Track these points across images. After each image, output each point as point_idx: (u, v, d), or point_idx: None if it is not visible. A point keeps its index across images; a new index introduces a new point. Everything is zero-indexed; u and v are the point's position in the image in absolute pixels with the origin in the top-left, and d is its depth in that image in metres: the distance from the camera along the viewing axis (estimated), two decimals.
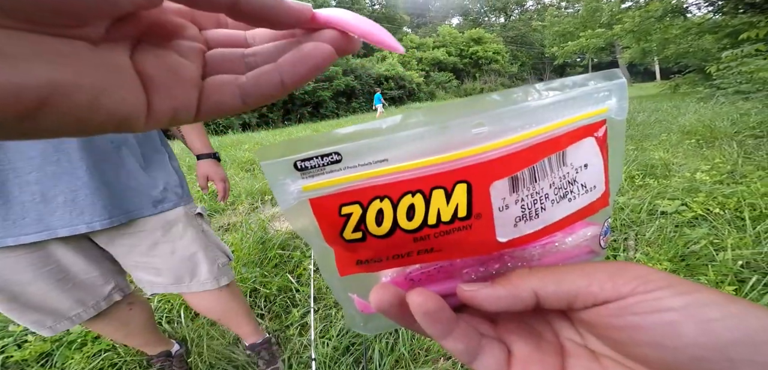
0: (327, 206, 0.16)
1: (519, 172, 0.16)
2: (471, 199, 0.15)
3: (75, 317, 0.80)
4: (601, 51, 13.84)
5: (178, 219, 0.86)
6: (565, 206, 0.17)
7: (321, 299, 1.42)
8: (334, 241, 0.17)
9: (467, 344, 0.16)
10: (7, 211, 0.66)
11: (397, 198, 0.15)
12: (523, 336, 0.18)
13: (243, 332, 1.10)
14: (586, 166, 0.17)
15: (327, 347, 1.16)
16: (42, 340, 1.26)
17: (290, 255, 1.77)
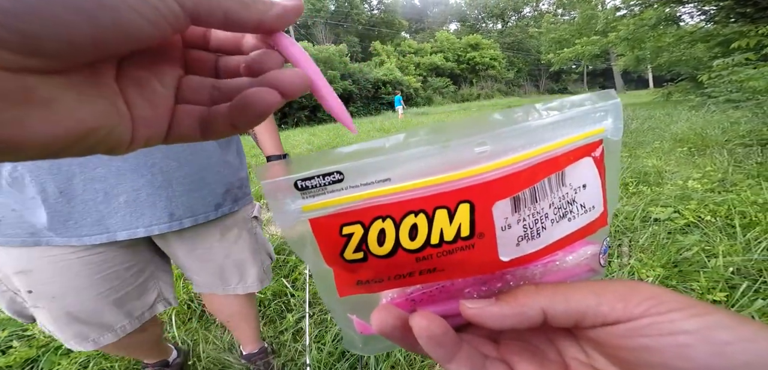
0: (328, 226, 0.16)
1: (520, 192, 0.16)
2: (474, 218, 0.15)
3: (120, 329, 0.76)
4: (596, 58, 14.01)
5: (235, 223, 0.85)
6: (565, 225, 0.17)
7: (316, 304, 1.41)
8: (334, 261, 0.17)
9: (471, 366, 0.16)
10: (70, 210, 0.64)
11: (400, 218, 0.15)
12: (527, 356, 0.17)
13: (245, 338, 1.09)
14: (585, 187, 0.17)
15: (322, 353, 1.14)
16: (27, 345, 1.23)
17: (285, 260, 1.75)
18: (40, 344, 1.24)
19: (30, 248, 0.65)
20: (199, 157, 0.75)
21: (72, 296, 0.69)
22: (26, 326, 1.33)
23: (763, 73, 3.13)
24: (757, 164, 2.22)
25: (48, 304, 0.69)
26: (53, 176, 0.62)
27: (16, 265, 0.66)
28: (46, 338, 1.26)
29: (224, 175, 0.81)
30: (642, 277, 1.32)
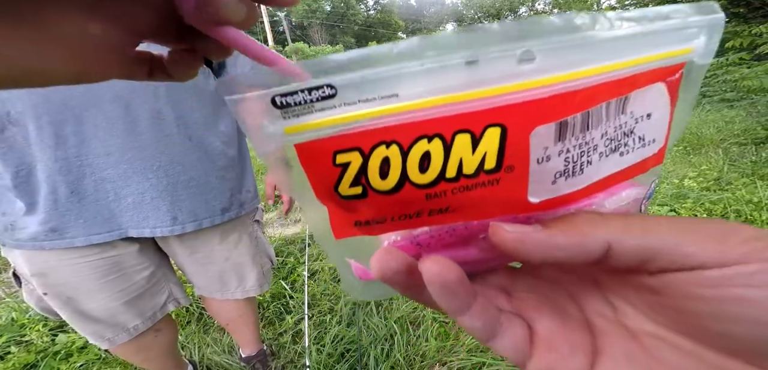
0: (318, 153, 0.12)
1: (570, 117, 0.12)
2: (504, 147, 0.12)
3: (133, 329, 0.77)
4: None
5: (235, 228, 0.85)
6: (615, 160, 0.14)
7: (315, 306, 1.41)
8: (328, 197, 0.14)
9: (486, 321, 0.14)
10: (80, 209, 0.65)
11: (409, 144, 0.12)
12: (545, 311, 0.15)
13: (245, 341, 1.09)
14: (649, 116, 0.14)
15: (321, 354, 1.15)
16: (26, 351, 1.22)
17: (284, 261, 1.75)
18: (39, 349, 1.23)
19: (45, 251, 0.65)
20: (205, 162, 0.75)
21: (85, 297, 0.71)
22: (24, 332, 1.32)
23: (756, 73, 3.16)
24: (752, 163, 2.24)
25: (63, 305, 0.70)
26: (64, 177, 0.62)
27: (32, 268, 0.67)
28: (44, 343, 1.26)
29: (231, 180, 0.81)
30: None
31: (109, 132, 0.64)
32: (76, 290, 0.70)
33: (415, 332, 1.23)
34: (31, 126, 0.60)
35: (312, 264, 1.71)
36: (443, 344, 1.16)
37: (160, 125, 0.68)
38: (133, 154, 0.66)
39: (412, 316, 1.31)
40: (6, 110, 0.59)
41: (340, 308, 1.35)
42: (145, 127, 0.67)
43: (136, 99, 0.65)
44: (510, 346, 0.14)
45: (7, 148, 0.60)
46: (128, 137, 0.66)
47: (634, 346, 0.13)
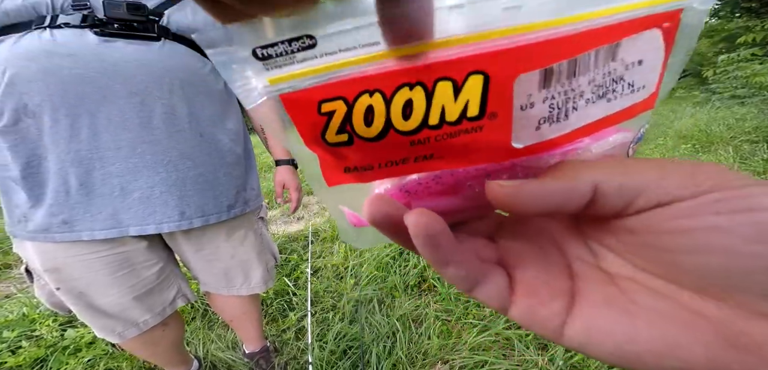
0: (303, 103, 0.12)
1: (556, 64, 0.12)
2: (487, 94, 0.12)
3: (143, 323, 0.78)
4: None
5: (241, 224, 0.86)
6: (602, 106, 0.14)
7: (318, 303, 1.41)
8: (316, 144, 0.14)
9: (468, 271, 0.14)
10: (88, 203, 0.65)
11: (391, 92, 0.12)
12: (528, 258, 0.16)
13: (248, 337, 1.10)
14: (640, 63, 0.13)
15: (324, 351, 1.15)
16: (36, 345, 1.25)
17: (287, 259, 1.76)
18: (49, 343, 1.26)
19: (56, 244, 0.66)
20: (214, 158, 0.76)
21: (96, 292, 0.72)
22: (34, 327, 1.35)
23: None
24: (764, 161, 2.20)
25: (75, 300, 0.71)
26: (76, 168, 0.63)
27: (45, 263, 0.68)
28: (54, 338, 1.28)
29: (237, 177, 0.82)
30: None
31: (122, 127, 0.65)
32: (88, 286, 0.71)
33: (418, 330, 1.23)
34: (47, 118, 0.61)
35: (315, 262, 1.72)
36: (445, 342, 1.16)
37: (173, 121, 0.69)
38: (145, 149, 0.67)
39: (414, 314, 1.31)
40: (24, 103, 0.60)
41: (342, 306, 1.36)
42: (158, 123, 0.68)
43: (151, 95, 0.66)
44: (492, 294, 0.14)
45: (19, 139, 0.61)
46: (142, 131, 0.66)
47: (612, 289, 0.14)
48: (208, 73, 0.77)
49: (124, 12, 0.65)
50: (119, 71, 0.64)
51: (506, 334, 1.16)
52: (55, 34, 0.61)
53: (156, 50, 0.68)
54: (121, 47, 0.65)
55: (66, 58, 0.61)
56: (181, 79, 0.70)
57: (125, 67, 0.64)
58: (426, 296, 1.40)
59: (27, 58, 0.59)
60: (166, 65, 0.69)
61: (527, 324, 0.14)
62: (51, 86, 0.60)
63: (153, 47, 0.68)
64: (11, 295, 1.68)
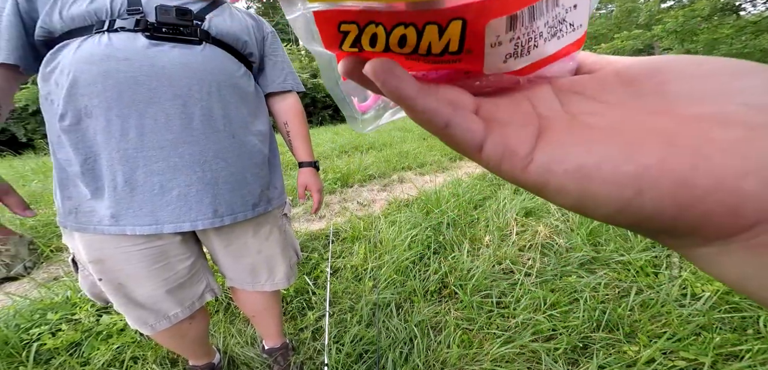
0: (328, 20, 0.16)
1: (519, 11, 0.15)
2: (464, 36, 0.15)
3: (173, 316, 0.81)
4: (639, 53, 13.09)
5: (267, 220, 0.88)
6: (555, 43, 0.17)
7: (336, 304, 1.40)
8: (334, 49, 0.18)
9: (438, 106, 0.15)
10: (131, 200, 0.68)
11: (390, 27, 0.15)
12: (500, 104, 0.17)
13: (268, 333, 1.11)
14: (575, 7, 0.17)
15: (340, 354, 1.14)
16: (74, 329, 1.32)
17: (308, 257, 1.77)
18: (85, 328, 1.33)
19: (101, 235, 0.70)
20: (244, 158, 0.79)
21: (135, 284, 0.75)
22: (74, 311, 1.44)
23: None
24: None
25: (115, 290, 0.75)
26: (123, 166, 0.67)
27: (91, 254, 0.71)
28: (90, 323, 1.36)
29: (262, 177, 0.84)
30: (696, 292, 1.19)
31: (166, 127, 0.68)
32: (127, 277, 0.74)
33: (437, 338, 1.18)
34: (102, 119, 0.64)
35: (335, 262, 1.71)
36: (466, 351, 1.11)
37: (211, 122, 0.72)
38: (184, 149, 0.70)
39: (433, 321, 1.26)
40: (84, 104, 0.63)
41: (360, 308, 1.34)
42: (198, 124, 0.71)
43: (193, 97, 0.69)
44: (467, 128, 0.15)
45: (80, 138, 0.65)
46: (182, 132, 0.69)
47: (574, 122, 0.15)
48: (242, 75, 0.80)
49: (173, 17, 0.69)
50: (166, 74, 0.67)
51: (532, 346, 1.09)
52: (112, 38, 0.64)
53: (198, 53, 0.71)
54: (167, 51, 0.68)
55: (122, 62, 0.64)
56: (219, 82, 0.73)
57: (171, 70, 0.67)
58: (446, 302, 1.35)
59: (88, 62, 0.62)
60: (207, 68, 0.71)
61: (499, 155, 0.14)
62: (108, 88, 0.63)
63: (195, 50, 0.71)
64: (59, 277, 1.80)
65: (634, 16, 12.20)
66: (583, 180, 0.12)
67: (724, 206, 0.10)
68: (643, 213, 0.11)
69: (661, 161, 0.11)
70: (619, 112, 0.14)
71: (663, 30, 8.71)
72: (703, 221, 0.10)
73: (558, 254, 1.53)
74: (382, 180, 3.17)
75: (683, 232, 0.11)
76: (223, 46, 0.76)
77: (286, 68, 0.96)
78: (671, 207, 0.11)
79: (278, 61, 0.94)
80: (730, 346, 0.99)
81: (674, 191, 0.10)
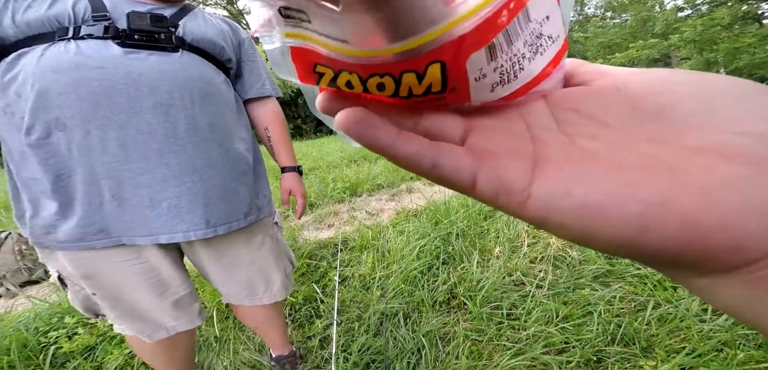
0: (304, 58, 0.16)
1: (495, 39, 0.14)
2: (446, 77, 0.14)
3: (171, 327, 0.80)
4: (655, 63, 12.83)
5: (259, 230, 0.87)
6: (539, 60, 0.16)
7: (344, 312, 1.40)
8: (312, 85, 0.17)
9: (419, 148, 0.14)
10: (120, 213, 0.66)
11: (365, 77, 0.15)
12: (491, 126, 0.16)
13: (274, 343, 1.11)
14: (548, 18, 0.16)
15: (348, 363, 1.13)
16: (89, 333, 1.36)
17: (317, 265, 1.78)
18: (100, 332, 1.36)
19: (94, 251, 0.67)
20: (232, 167, 0.77)
21: (130, 297, 0.74)
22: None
23: None
24: None
25: (111, 304, 0.73)
26: (108, 181, 0.64)
27: (80, 270, 0.69)
28: (105, 327, 1.39)
29: (250, 185, 0.83)
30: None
31: (149, 138, 0.65)
32: (122, 292, 0.72)
33: (445, 349, 1.16)
34: (78, 131, 0.61)
35: (343, 270, 1.72)
36: (475, 363, 1.08)
37: (196, 131, 0.70)
38: (170, 159, 0.68)
39: (442, 331, 1.24)
40: (55, 116, 0.60)
41: (368, 317, 1.33)
42: (182, 133, 0.68)
43: (174, 106, 0.67)
44: (457, 165, 0.14)
45: (50, 153, 0.61)
46: (167, 142, 0.67)
47: (572, 149, 0.14)
48: (222, 82, 0.78)
49: (148, 23, 0.66)
50: (145, 82, 0.64)
51: (544, 359, 1.06)
52: (81, 46, 0.61)
53: (176, 61, 0.68)
54: (144, 59, 0.65)
55: (96, 71, 0.60)
56: (200, 90, 0.71)
57: (150, 78, 0.64)
58: (455, 313, 1.33)
59: (56, 71, 0.59)
60: (187, 75, 0.69)
61: (494, 191, 0.14)
62: (83, 99, 0.60)
63: (173, 58, 0.68)
64: None
65: (649, 25, 12.02)
66: (586, 218, 0.12)
67: (728, 243, 0.10)
68: (647, 249, 0.11)
69: (666, 201, 0.11)
70: (619, 137, 0.13)
71: (680, 39, 8.54)
72: (706, 256, 0.10)
73: (571, 267, 1.49)
74: (390, 189, 3.18)
75: (684, 265, 0.11)
76: (201, 53, 0.74)
77: (264, 74, 0.93)
78: (675, 244, 0.11)
79: (256, 67, 0.91)
80: (754, 363, 0.94)
81: (679, 230, 0.10)
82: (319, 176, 3.75)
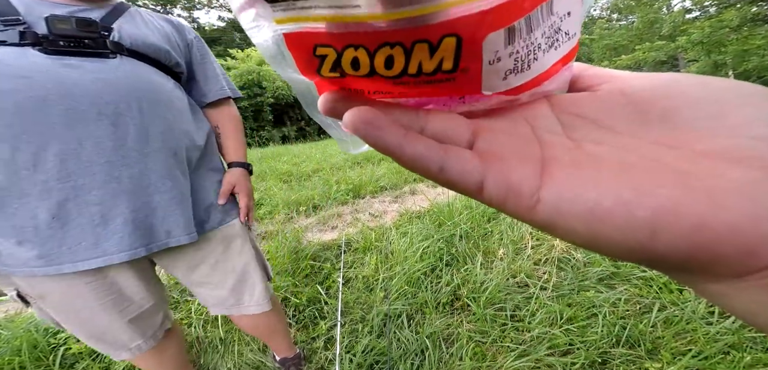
0: (301, 44, 0.14)
1: (516, 22, 0.13)
2: (460, 53, 0.13)
3: (135, 348, 0.76)
4: (662, 65, 12.71)
5: (236, 234, 0.84)
6: (553, 54, 0.16)
7: (347, 313, 1.41)
8: (312, 76, 0.16)
9: (426, 150, 0.14)
10: (64, 235, 0.61)
11: (374, 48, 0.13)
12: (497, 129, 0.16)
13: (279, 347, 1.10)
14: (569, 14, 0.15)
15: (352, 364, 1.13)
16: None
17: (321, 266, 1.79)
18: None
19: (37, 277, 0.63)
20: (190, 174, 0.75)
21: (86, 317, 0.69)
22: None
23: None
24: None
25: (67, 324, 0.70)
26: (44, 202, 0.58)
27: (33, 290, 0.65)
28: None
29: (210, 192, 0.81)
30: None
31: (95, 151, 0.60)
32: (76, 312, 0.68)
33: (449, 350, 1.16)
34: (6, 147, 0.55)
35: (346, 272, 1.72)
36: (478, 364, 1.08)
37: (148, 141, 0.66)
38: (123, 172, 0.63)
39: (445, 333, 1.24)
40: None
41: (371, 318, 1.34)
42: (133, 144, 0.64)
43: (121, 116, 0.63)
44: (464, 169, 0.14)
45: None
46: (116, 154, 0.62)
47: (578, 153, 0.14)
48: (173, 88, 0.74)
49: (73, 28, 0.59)
50: (83, 92, 0.59)
51: (548, 360, 1.05)
52: None
53: (114, 68, 0.63)
54: (76, 66, 0.59)
55: (19, 81, 0.55)
56: (149, 98, 0.67)
57: (88, 87, 0.59)
58: (458, 315, 1.33)
59: None
60: (131, 83, 0.64)
61: (503, 195, 0.13)
62: (6, 112, 0.54)
63: (110, 65, 0.63)
64: None
65: (656, 27, 11.93)
66: (595, 222, 0.12)
67: (739, 249, 0.10)
68: (657, 253, 0.11)
69: (675, 205, 0.11)
70: (626, 142, 0.13)
71: (688, 41, 8.46)
72: (717, 261, 0.10)
73: (575, 269, 1.48)
74: (393, 192, 3.18)
75: (695, 270, 0.11)
76: (143, 59, 0.69)
77: (220, 74, 0.89)
78: (686, 249, 0.10)
79: (209, 69, 0.86)
80: (761, 366, 0.93)
81: (689, 235, 0.10)
82: (322, 178, 3.77)
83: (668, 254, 0.11)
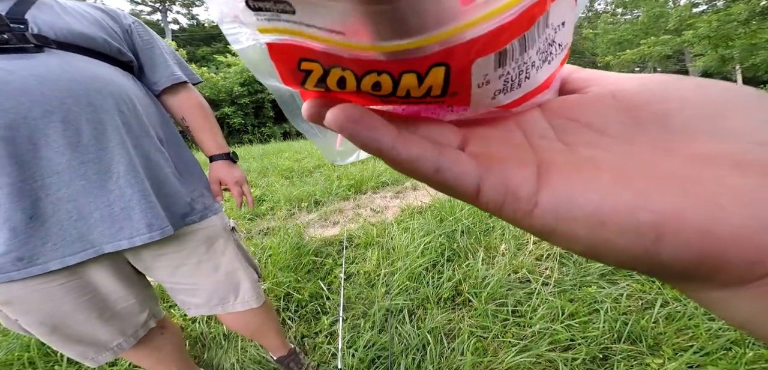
0: (285, 56, 0.14)
1: (509, 45, 0.13)
2: (449, 80, 0.13)
3: (117, 347, 0.74)
4: (667, 59, 12.58)
5: (218, 234, 0.82)
6: (546, 69, 0.15)
7: (349, 309, 1.41)
8: (297, 87, 0.15)
9: (421, 150, 0.13)
10: (46, 233, 0.59)
11: (361, 74, 0.13)
12: (490, 135, 0.16)
13: (272, 346, 1.10)
14: (563, 25, 0.15)
15: (353, 359, 1.14)
16: None
17: (323, 262, 1.80)
18: None
19: (15, 282, 0.60)
20: (157, 167, 0.72)
21: (60, 320, 0.66)
22: None
23: None
24: None
25: (38, 330, 0.66)
26: (17, 204, 0.57)
27: (1, 298, 0.62)
28: None
29: (186, 183, 0.78)
30: None
31: (53, 151, 0.58)
32: (49, 316, 0.65)
33: (450, 345, 1.17)
34: None
35: (348, 267, 1.73)
36: (480, 359, 1.09)
37: (106, 135, 0.63)
38: (88, 168, 0.61)
39: (446, 328, 1.25)
40: None
41: (373, 313, 1.34)
42: (90, 140, 0.61)
43: (71, 113, 0.59)
44: (461, 170, 0.13)
45: None
46: (74, 153, 0.60)
47: (574, 157, 0.14)
48: (122, 78, 0.70)
49: None
50: (18, 91, 0.55)
51: (549, 355, 1.06)
52: None
53: (46, 62, 0.59)
54: (3, 65, 0.56)
55: None
56: (97, 90, 0.63)
57: (23, 86, 0.56)
58: (460, 310, 1.34)
59: None
60: (71, 77, 0.61)
61: (501, 199, 0.13)
62: None
63: (39, 60, 0.59)
64: None
65: (662, 21, 11.78)
66: (596, 227, 0.11)
67: (745, 256, 0.10)
68: (659, 259, 0.11)
69: (681, 210, 0.10)
70: (622, 147, 0.13)
71: (694, 35, 8.35)
72: (722, 269, 0.10)
73: (577, 264, 1.48)
74: (395, 187, 3.18)
75: (698, 277, 0.11)
76: (78, 50, 0.64)
77: (170, 58, 0.83)
78: (690, 255, 0.10)
79: (157, 53, 0.80)
80: (763, 362, 0.92)
81: (696, 240, 0.10)
82: (324, 174, 3.77)
83: (673, 260, 0.10)
